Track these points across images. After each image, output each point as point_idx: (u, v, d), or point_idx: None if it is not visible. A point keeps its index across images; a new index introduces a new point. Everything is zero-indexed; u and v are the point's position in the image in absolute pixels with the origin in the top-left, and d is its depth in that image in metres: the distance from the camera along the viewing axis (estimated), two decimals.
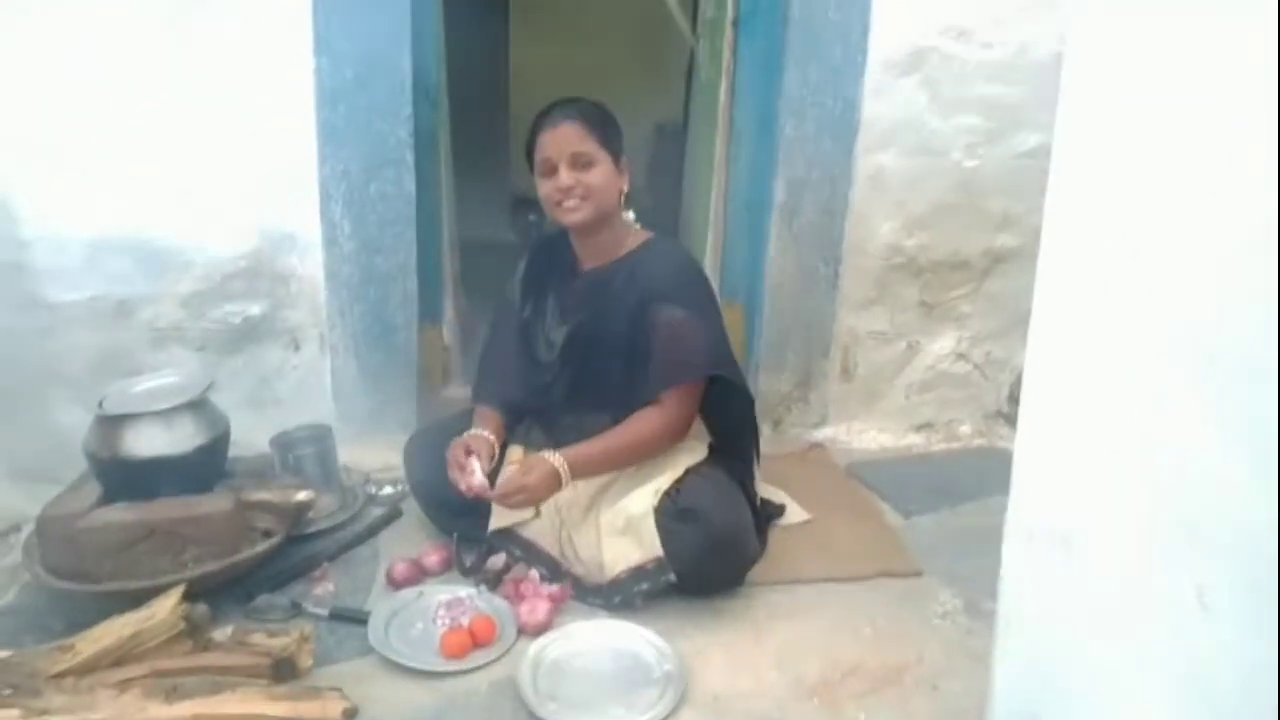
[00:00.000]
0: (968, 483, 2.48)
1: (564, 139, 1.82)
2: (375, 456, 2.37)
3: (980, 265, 2.69)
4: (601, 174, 1.84)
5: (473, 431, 1.93)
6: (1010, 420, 2.83)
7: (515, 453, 2.03)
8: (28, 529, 1.99)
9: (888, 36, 2.40)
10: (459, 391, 2.68)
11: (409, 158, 2.26)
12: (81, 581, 1.69)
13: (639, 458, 1.88)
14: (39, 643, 1.61)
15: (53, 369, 2.17)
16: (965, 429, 2.82)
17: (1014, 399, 2.83)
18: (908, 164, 2.54)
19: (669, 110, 5.37)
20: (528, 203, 5.64)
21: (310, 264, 2.26)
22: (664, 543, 1.76)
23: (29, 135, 2.06)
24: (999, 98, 2.51)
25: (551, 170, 1.84)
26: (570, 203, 1.84)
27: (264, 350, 2.30)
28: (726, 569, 1.85)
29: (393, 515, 2.17)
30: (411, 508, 2.17)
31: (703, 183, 2.81)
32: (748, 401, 2.00)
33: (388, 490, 2.26)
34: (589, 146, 1.82)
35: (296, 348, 2.32)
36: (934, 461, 2.65)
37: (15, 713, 1.37)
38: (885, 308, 2.68)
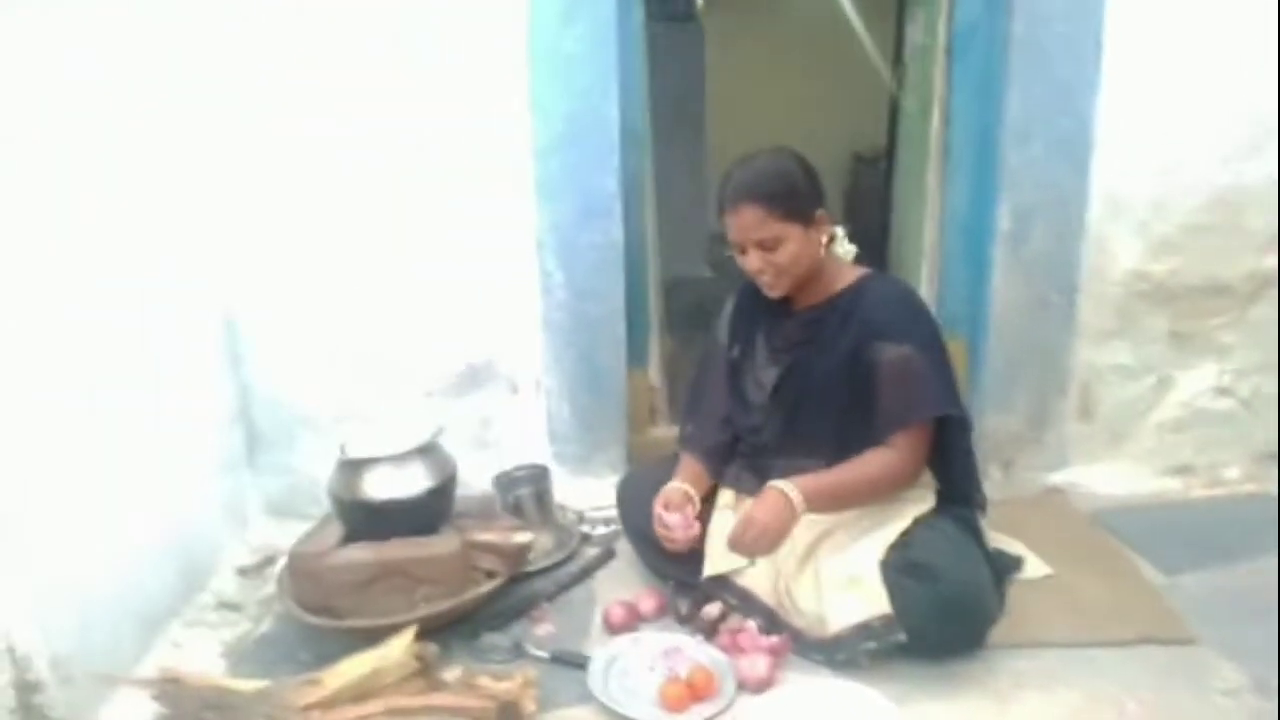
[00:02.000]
0: (1240, 535, 2.18)
1: (745, 225, 1.76)
2: (588, 496, 2.40)
3: (1244, 290, 2.39)
4: (790, 250, 1.77)
5: (671, 485, 1.91)
6: None
7: (725, 497, 1.98)
8: (281, 562, 2.16)
9: (1124, 47, 2.19)
10: (666, 431, 2.67)
11: (617, 208, 2.29)
12: (326, 616, 1.80)
13: (869, 498, 1.79)
14: (290, 672, 1.72)
15: (302, 414, 2.35)
16: (1232, 473, 2.48)
17: None
18: (1151, 183, 2.30)
19: (867, 138, 5.24)
20: (724, 239, 5.68)
21: (526, 312, 2.33)
22: (893, 599, 1.65)
23: (274, 214, 2.28)
24: (1255, 105, 2.23)
25: (741, 250, 1.80)
26: (766, 279, 1.81)
27: (485, 394, 2.39)
28: (963, 630, 1.70)
29: (607, 556, 2.18)
30: (624, 549, 2.18)
31: (914, 213, 2.68)
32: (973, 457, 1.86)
33: (601, 530, 2.28)
34: (772, 230, 1.75)
35: (514, 391, 2.40)
36: (1196, 510, 2.35)
37: None
38: (1129, 340, 2.42)
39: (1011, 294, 2.38)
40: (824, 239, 1.82)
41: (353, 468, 1.87)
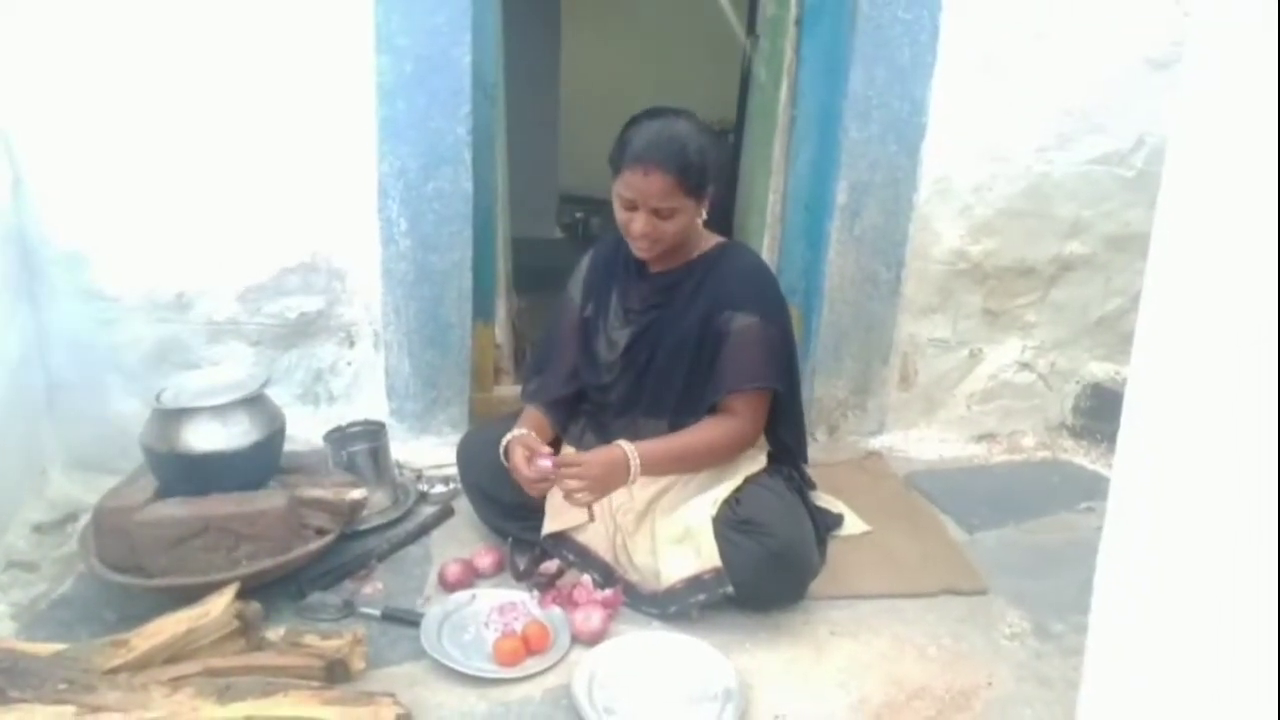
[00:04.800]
0: (1032, 497, 2.40)
1: (650, 189, 1.72)
2: (427, 454, 2.36)
3: (1047, 273, 2.60)
4: (681, 222, 1.77)
5: (514, 433, 1.89)
6: (1075, 433, 2.74)
7: (568, 454, 1.99)
8: (84, 519, 2.00)
9: (959, 37, 2.33)
10: (509, 390, 2.65)
11: (467, 156, 2.23)
12: (136, 575, 1.69)
13: (708, 464, 1.84)
14: (93, 634, 1.61)
15: (111, 360, 2.17)
16: (1028, 441, 2.73)
17: (1079, 410, 2.74)
18: (975, 168, 2.46)
19: (719, 109, 5.33)
20: (575, 200, 5.65)
21: (366, 261, 2.24)
22: (723, 554, 1.71)
23: (92, 132, 2.06)
24: (1071, 102, 2.42)
25: (630, 207, 1.76)
26: (641, 244, 1.80)
27: (319, 346, 2.28)
28: (788, 583, 1.79)
29: (445, 514, 2.15)
30: (463, 507, 2.15)
31: (759, 183, 2.75)
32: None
33: (439, 489, 2.24)
34: (674, 200, 1.73)
35: (351, 344, 2.30)
36: (996, 474, 2.56)
37: (70, 709, 1.36)
38: (947, 315, 2.60)
39: (844, 268, 2.50)
40: (703, 215, 1.83)
41: (170, 418, 1.74)
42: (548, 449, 1.84)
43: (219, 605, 1.53)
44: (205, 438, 1.74)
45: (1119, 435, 1.05)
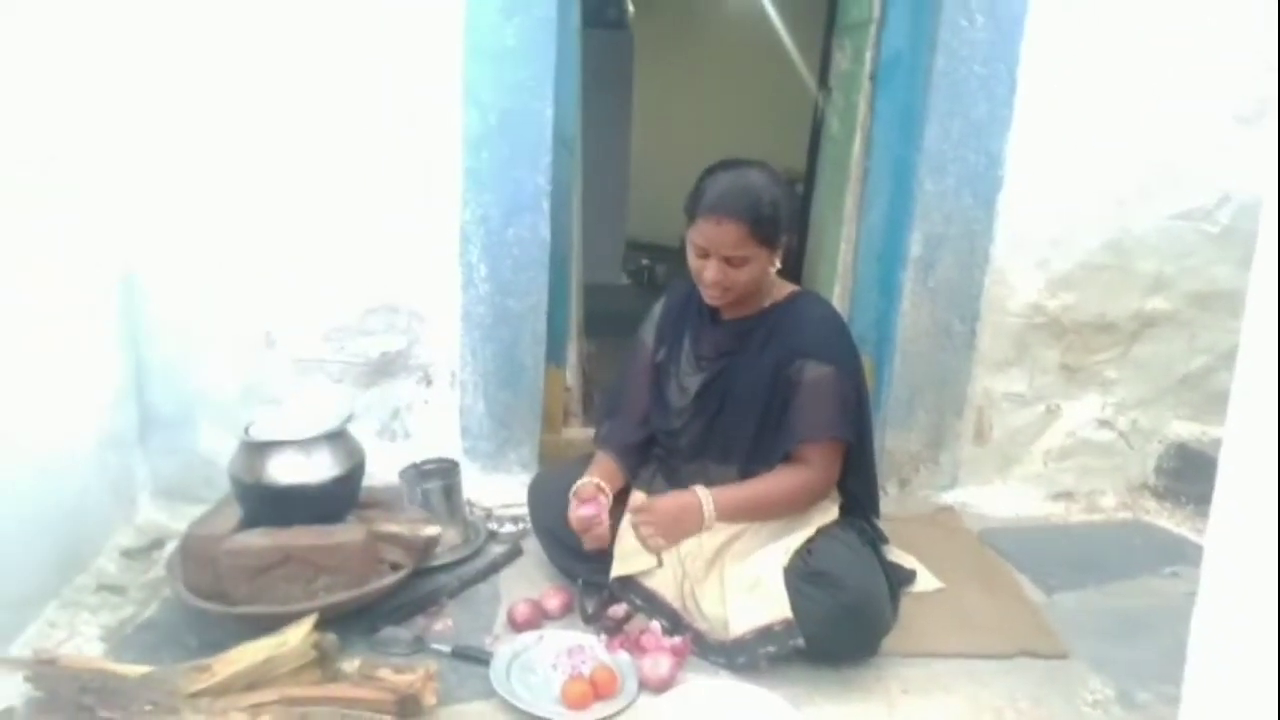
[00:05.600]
0: (1113, 559, 2.32)
1: (723, 238, 1.74)
2: (497, 493, 2.39)
3: (1128, 328, 2.55)
4: (752, 271, 1.78)
5: (583, 479, 1.91)
6: (1158, 494, 2.65)
7: (637, 498, 2.00)
8: (170, 546, 2.07)
9: (1037, 90, 2.33)
10: (579, 433, 2.68)
11: (545, 205, 2.29)
12: (219, 602, 1.73)
13: (781, 513, 1.83)
14: (176, 658, 1.66)
15: (201, 395, 2.26)
16: (1108, 501, 2.64)
17: (1162, 471, 2.65)
18: (1053, 221, 2.43)
19: (786, 158, 5.37)
20: (641, 247, 5.73)
21: (446, 303, 2.31)
22: (795, 605, 1.69)
23: (192, 178, 2.18)
24: (1153, 155, 2.39)
25: (703, 254, 1.79)
26: (713, 291, 1.82)
27: (398, 385, 2.35)
28: (860, 637, 1.76)
29: (514, 554, 2.17)
30: (532, 547, 2.17)
31: (830, 234, 2.77)
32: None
33: (509, 528, 2.26)
34: (746, 250, 1.75)
35: (429, 383, 2.36)
36: (1075, 534, 2.48)
37: None
38: (1024, 369, 2.56)
39: (918, 319, 2.48)
40: (776, 264, 1.85)
41: (257, 450, 1.81)
42: (601, 498, 1.85)
43: (297, 635, 1.56)
44: (289, 470, 1.80)
45: (1213, 499, 1.02)
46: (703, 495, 1.76)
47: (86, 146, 2.01)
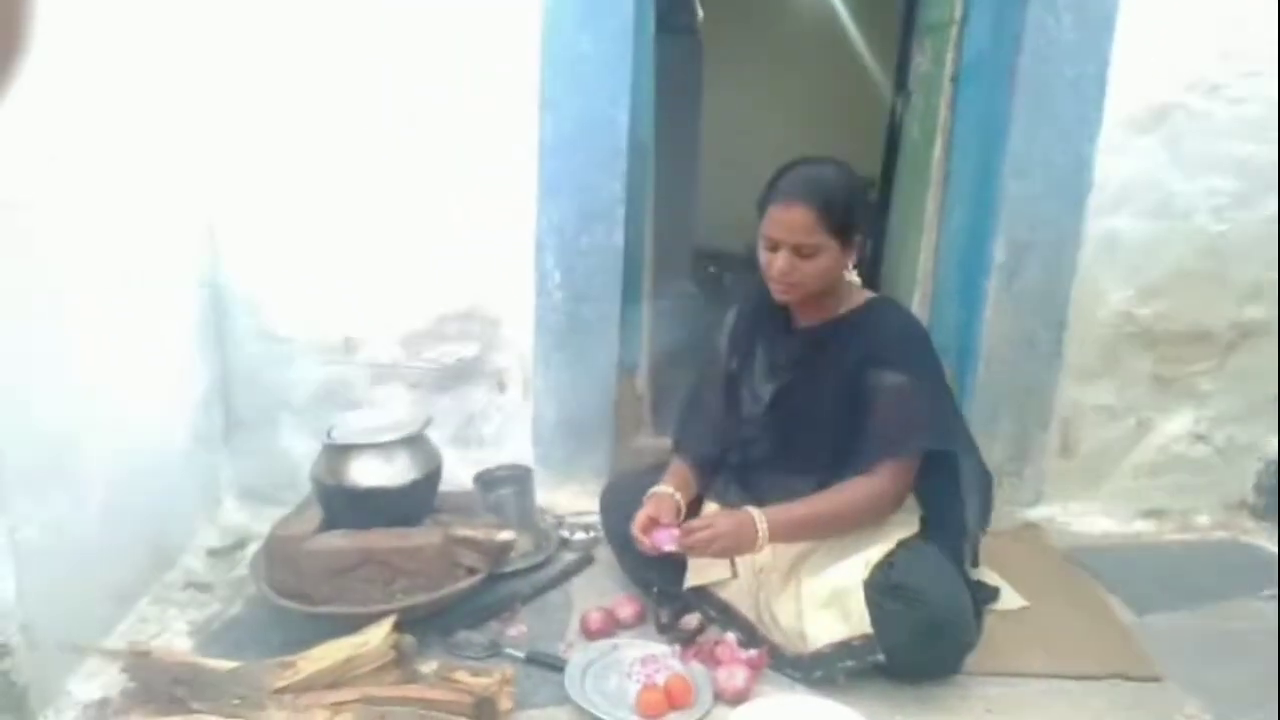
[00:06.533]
0: (1209, 580, 2.22)
1: (792, 225, 1.70)
2: (569, 501, 2.39)
3: (1225, 338, 2.44)
4: (822, 263, 1.73)
5: (656, 489, 1.89)
6: (1256, 513, 2.52)
7: (710, 509, 1.98)
8: (253, 546, 2.13)
9: (1127, 91, 2.24)
10: (650, 441, 2.67)
11: (620, 213, 2.29)
12: (301, 601, 1.77)
13: (844, 529, 1.78)
14: (259, 655, 1.69)
15: (283, 398, 2.32)
16: (1203, 519, 2.53)
17: (1262, 489, 2.52)
18: (1145, 227, 2.34)
19: (862, 166, 5.30)
20: (709, 255, 5.70)
21: (521, 310, 2.32)
22: (874, 620, 1.65)
23: (276, 186, 2.24)
24: (1252, 157, 2.29)
25: (773, 247, 1.75)
26: (780, 285, 1.77)
27: (472, 391, 2.37)
28: (942, 654, 1.71)
29: (585, 561, 2.17)
30: (604, 555, 2.16)
31: (910, 241, 2.71)
32: (982, 476, 1.86)
33: (580, 536, 2.26)
34: (817, 238, 1.71)
35: (502, 390, 2.38)
36: (1168, 553, 2.38)
37: None
38: (1113, 380, 2.46)
39: (1002, 327, 2.41)
40: (851, 262, 1.81)
41: (339, 453, 1.84)
42: (674, 520, 1.81)
43: (378, 636, 1.58)
44: (370, 473, 1.83)
45: None
46: (756, 515, 1.71)
47: (176, 156, 2.08)
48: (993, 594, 2.02)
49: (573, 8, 2.15)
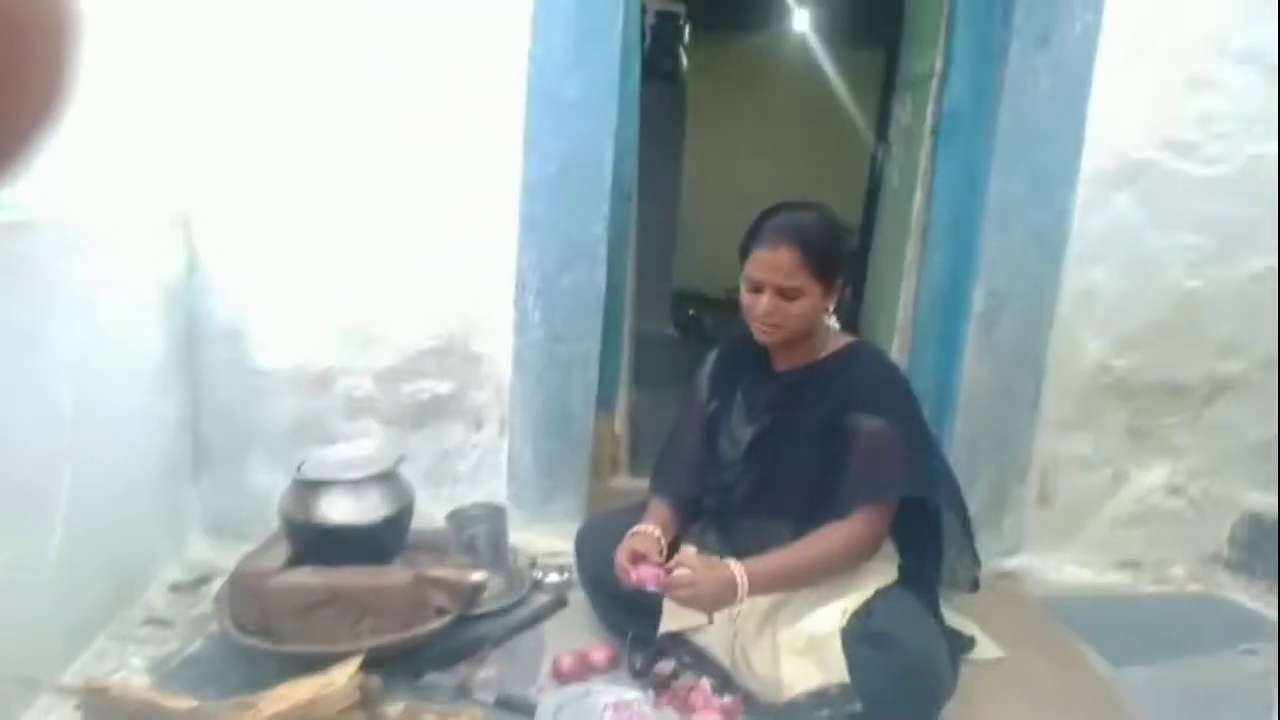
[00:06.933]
0: (1185, 633, 2.21)
1: (776, 266, 1.72)
2: (543, 541, 2.36)
3: (1200, 392, 2.46)
4: (805, 305, 1.74)
5: (638, 528, 1.86)
6: (1231, 566, 2.53)
7: (688, 553, 1.95)
8: (218, 582, 2.07)
9: (1103, 147, 2.29)
10: (626, 483, 2.65)
11: (601, 253, 2.30)
12: (264, 639, 1.72)
13: (820, 578, 1.75)
14: (220, 693, 1.64)
15: (255, 431, 2.28)
16: (1178, 571, 2.52)
17: (1236, 542, 2.53)
18: (1121, 280, 2.37)
19: (842, 211, 5.35)
20: (688, 298, 5.73)
21: (499, 348, 2.31)
22: (852, 668, 1.62)
23: (258, 220, 2.23)
24: (1226, 216, 2.33)
25: (756, 289, 1.75)
26: (764, 326, 1.77)
27: (448, 428, 2.35)
28: (920, 704, 1.67)
29: (558, 604, 2.13)
30: (577, 598, 2.12)
31: (890, 288, 2.73)
32: (963, 522, 1.85)
33: (553, 578, 2.22)
34: (800, 280, 1.72)
35: (478, 428, 2.36)
36: (1144, 605, 2.37)
37: None
38: (1090, 431, 2.47)
39: (980, 376, 2.42)
40: (831, 306, 1.81)
41: (309, 489, 1.80)
42: (658, 559, 1.78)
43: (343, 676, 1.53)
44: (340, 510, 1.79)
45: None
46: (737, 571, 1.68)
47: (156, 183, 2.06)
48: (968, 643, 2.00)
49: (560, 53, 2.17)
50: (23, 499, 1.59)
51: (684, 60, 5.02)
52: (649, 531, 1.84)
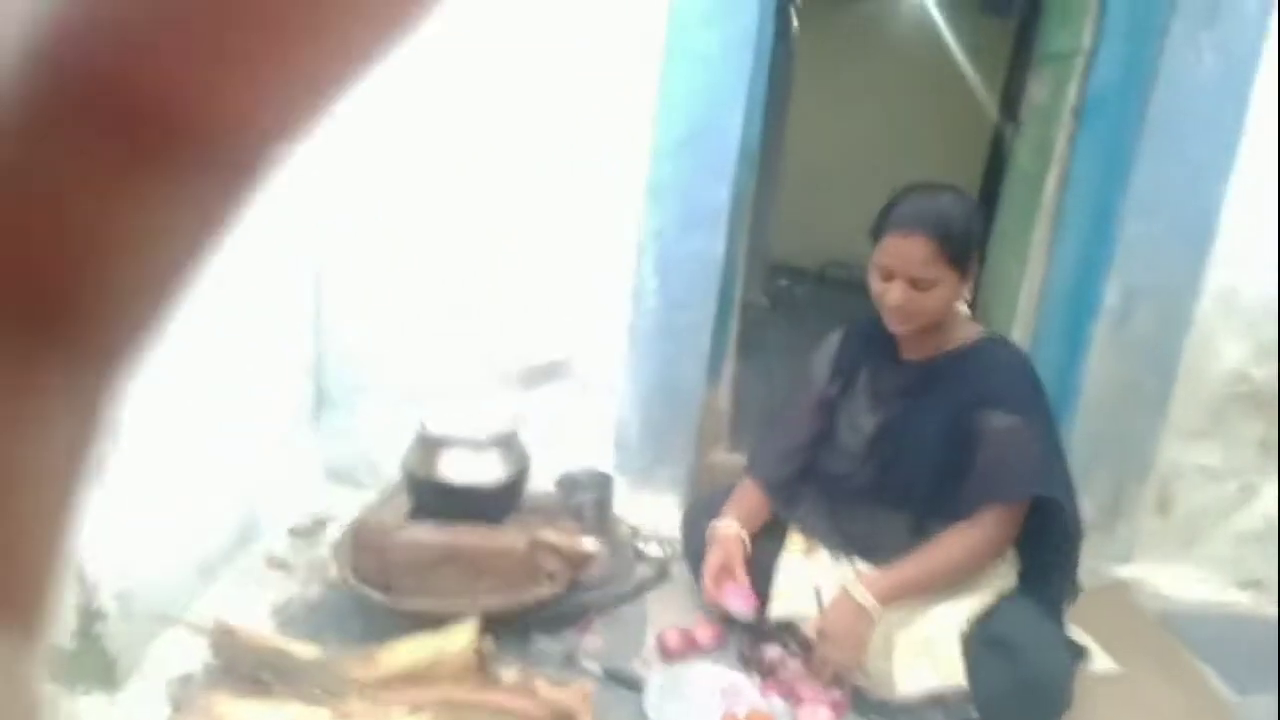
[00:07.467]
0: None
1: (910, 256, 1.63)
2: (645, 511, 2.34)
3: None
4: (940, 296, 1.66)
5: (721, 526, 1.86)
6: None
7: (795, 539, 1.93)
8: (332, 528, 2.12)
9: (1264, 138, 2.13)
10: (725, 457, 2.62)
11: (723, 221, 2.24)
12: (385, 593, 1.75)
13: (947, 586, 1.71)
14: (338, 641, 1.69)
15: (375, 382, 2.31)
16: None
17: None
18: (1268, 283, 2.23)
19: (951, 180, 5.16)
20: (781, 268, 5.63)
21: (614, 314, 2.29)
22: (971, 674, 1.59)
23: (377, 170, 2.23)
24: None
25: (888, 276, 1.68)
26: (896, 316, 1.70)
27: (558, 391, 2.34)
28: (1039, 715, 1.63)
29: (661, 576, 2.12)
30: (679, 572, 2.12)
31: (1011, 274, 2.62)
32: (1077, 531, 1.78)
33: (654, 550, 2.22)
34: (934, 271, 1.63)
35: (589, 393, 2.35)
36: (1269, 628, 2.26)
37: (325, 712, 1.42)
38: (1219, 441, 2.35)
39: (1106, 374, 2.31)
40: (966, 295, 1.75)
41: (432, 445, 1.82)
42: (744, 571, 1.79)
43: (462, 639, 1.55)
44: (462, 470, 1.80)
45: None
46: (856, 593, 1.65)
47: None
48: (1084, 653, 1.93)
49: (698, 5, 2.09)
50: (153, 430, 1.63)
51: (794, 20, 4.87)
52: (733, 533, 1.83)
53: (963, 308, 1.82)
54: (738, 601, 1.73)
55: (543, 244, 2.26)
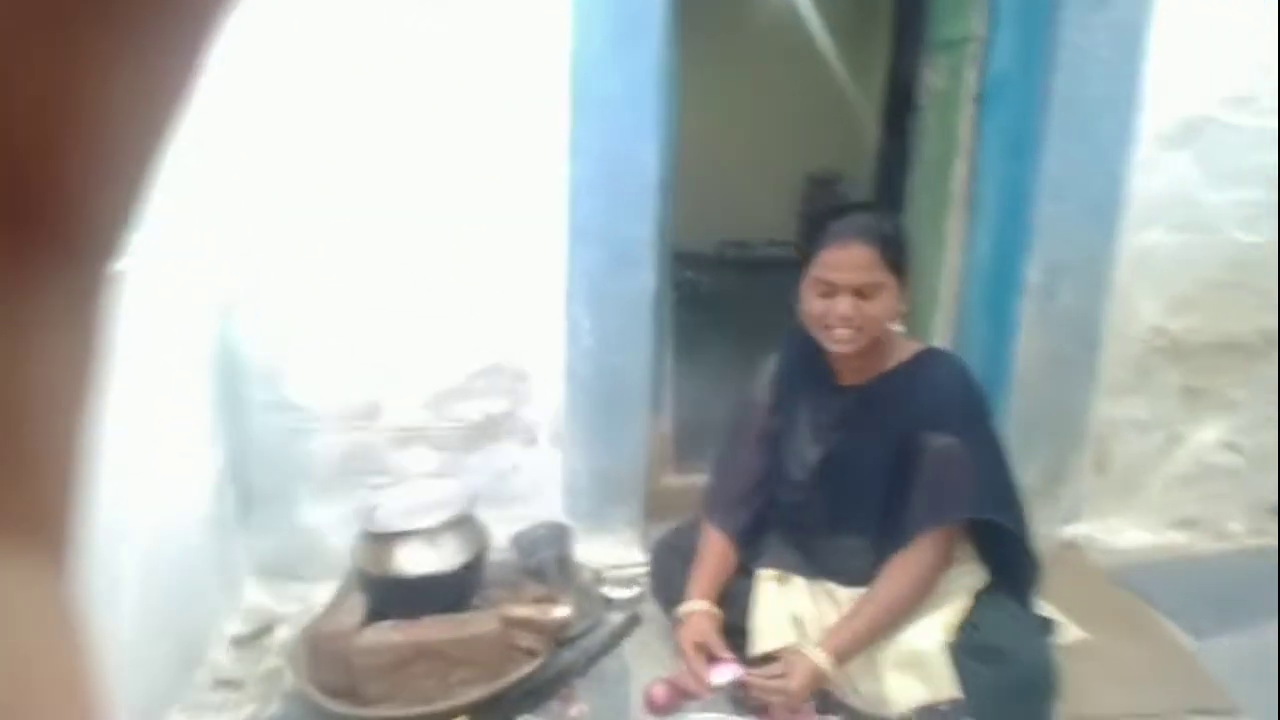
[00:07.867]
0: (1256, 595, 2.20)
1: (854, 264, 1.62)
2: (603, 553, 2.29)
3: (1254, 347, 2.42)
4: (884, 303, 1.65)
5: (691, 608, 1.79)
6: None
7: (768, 576, 1.90)
8: (280, 630, 2.00)
9: (1160, 108, 2.20)
10: (675, 481, 2.59)
11: (650, 256, 2.18)
12: (352, 702, 1.66)
13: (907, 613, 1.70)
14: None
15: (302, 469, 2.18)
16: (1235, 526, 2.52)
17: None
18: (1177, 241, 2.31)
19: (819, 160, 5.22)
20: (683, 258, 5.61)
21: (549, 360, 2.21)
22: (964, 684, 1.59)
23: (291, 252, 2.08)
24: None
25: (829, 293, 1.65)
26: (842, 333, 1.66)
27: (501, 447, 2.25)
28: (1035, 711, 1.65)
29: (633, 622, 2.08)
30: (651, 613, 2.07)
31: (929, 262, 2.65)
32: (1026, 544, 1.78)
33: (621, 593, 2.17)
34: (879, 275, 1.63)
35: (532, 443, 2.27)
36: (1210, 567, 2.36)
37: None
38: (1145, 395, 2.44)
39: (1035, 349, 2.36)
40: (904, 307, 1.73)
41: (383, 541, 1.72)
42: (723, 647, 1.74)
43: None
44: (418, 561, 1.71)
45: None
46: (816, 658, 1.64)
47: (188, 222, 1.91)
48: (1052, 628, 1.97)
49: (600, 48, 2.02)
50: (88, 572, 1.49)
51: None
52: (704, 610, 1.78)
53: (897, 326, 1.81)
54: (726, 675, 1.69)
55: (469, 300, 2.16)
